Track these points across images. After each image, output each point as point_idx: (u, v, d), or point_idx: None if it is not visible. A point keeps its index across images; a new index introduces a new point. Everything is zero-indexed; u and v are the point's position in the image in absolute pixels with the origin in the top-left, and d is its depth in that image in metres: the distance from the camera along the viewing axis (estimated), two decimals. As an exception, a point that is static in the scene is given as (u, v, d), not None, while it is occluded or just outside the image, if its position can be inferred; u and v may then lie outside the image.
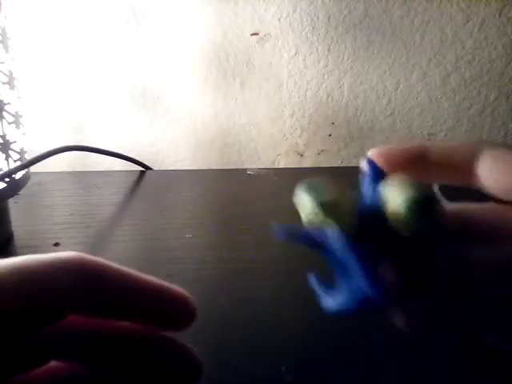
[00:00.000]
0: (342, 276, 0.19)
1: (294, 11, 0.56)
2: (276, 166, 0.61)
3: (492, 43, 0.56)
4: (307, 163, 0.61)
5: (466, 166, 0.20)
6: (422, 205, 0.16)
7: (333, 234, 0.18)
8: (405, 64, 0.57)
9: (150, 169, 0.57)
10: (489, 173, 0.20)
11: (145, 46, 0.57)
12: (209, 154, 0.61)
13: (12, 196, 0.36)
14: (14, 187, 0.36)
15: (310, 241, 0.19)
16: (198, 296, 0.29)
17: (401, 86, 0.58)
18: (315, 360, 0.24)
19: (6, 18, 0.35)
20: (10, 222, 0.38)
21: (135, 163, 0.56)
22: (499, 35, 0.56)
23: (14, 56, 0.36)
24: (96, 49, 0.57)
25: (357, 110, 0.59)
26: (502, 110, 0.59)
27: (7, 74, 0.35)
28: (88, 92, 0.58)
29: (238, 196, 0.47)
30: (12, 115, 0.35)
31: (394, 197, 0.17)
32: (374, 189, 0.19)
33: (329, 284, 0.20)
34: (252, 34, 0.57)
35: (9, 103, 0.35)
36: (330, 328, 0.26)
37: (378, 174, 0.20)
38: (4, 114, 0.34)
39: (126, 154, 0.56)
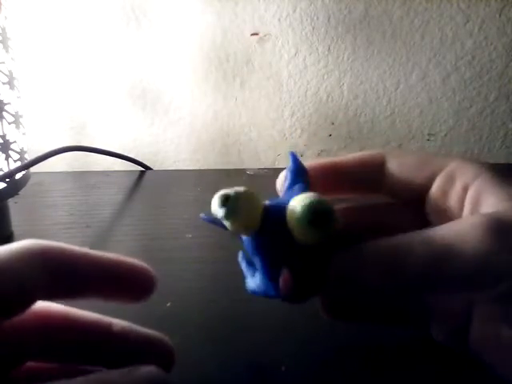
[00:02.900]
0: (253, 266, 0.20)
1: (294, 11, 0.56)
2: (276, 166, 0.61)
3: (492, 43, 0.56)
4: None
5: (375, 176, 0.21)
6: (315, 222, 0.17)
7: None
8: (405, 64, 0.57)
9: (150, 169, 0.57)
10: (395, 176, 0.21)
11: (145, 46, 0.57)
12: (209, 154, 0.61)
13: (12, 196, 0.36)
14: (14, 187, 0.36)
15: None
16: (198, 296, 0.29)
17: (401, 86, 0.58)
18: (315, 360, 0.24)
19: (6, 18, 0.35)
20: (10, 222, 0.38)
21: (135, 163, 0.56)
22: (499, 35, 0.56)
23: (13, 56, 0.36)
24: (96, 49, 0.57)
25: (357, 109, 0.59)
26: (502, 110, 0.59)
27: (7, 74, 0.35)
28: (88, 92, 0.58)
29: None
30: (12, 115, 0.35)
31: (293, 209, 0.17)
32: (291, 187, 0.20)
33: (251, 265, 0.21)
34: (252, 34, 0.57)
35: (9, 103, 0.35)
36: (331, 328, 0.26)
37: (299, 172, 0.21)
38: (4, 114, 0.34)
39: (125, 154, 0.56)
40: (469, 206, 0.18)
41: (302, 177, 0.21)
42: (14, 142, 0.36)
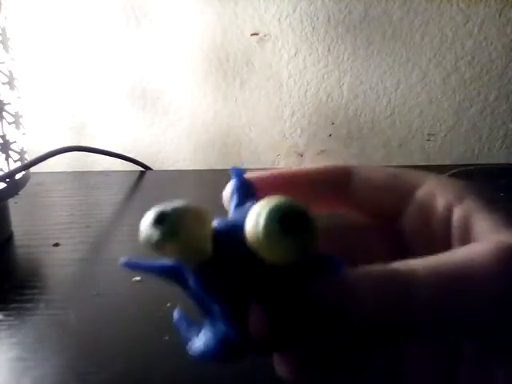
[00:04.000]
0: (202, 314, 0.15)
1: (294, 11, 0.56)
2: (276, 167, 0.61)
3: (492, 43, 0.56)
4: (307, 163, 0.61)
5: (339, 190, 0.20)
6: (289, 226, 0.12)
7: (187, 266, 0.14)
8: (405, 64, 0.57)
9: (150, 169, 0.57)
10: (362, 191, 0.19)
11: (145, 46, 0.57)
12: (209, 154, 0.61)
13: (12, 196, 0.36)
14: (14, 187, 0.36)
15: (162, 271, 0.15)
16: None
17: (401, 86, 0.58)
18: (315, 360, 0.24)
19: (6, 18, 0.35)
20: (10, 222, 0.38)
21: (135, 163, 0.56)
22: (499, 35, 0.56)
23: (13, 56, 0.36)
24: (96, 49, 0.57)
25: (357, 110, 0.59)
26: (502, 110, 0.59)
27: (7, 74, 0.35)
28: (88, 92, 0.58)
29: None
30: (12, 115, 0.35)
31: (253, 215, 0.13)
32: (238, 206, 0.16)
33: (194, 321, 0.16)
34: (252, 34, 0.56)
35: (9, 103, 0.35)
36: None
37: (246, 188, 0.17)
38: (4, 114, 0.34)
39: (125, 154, 0.56)
40: (458, 229, 0.17)
41: (251, 194, 0.16)
42: (14, 142, 0.36)
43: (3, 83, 0.34)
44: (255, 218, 0.13)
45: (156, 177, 0.54)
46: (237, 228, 0.14)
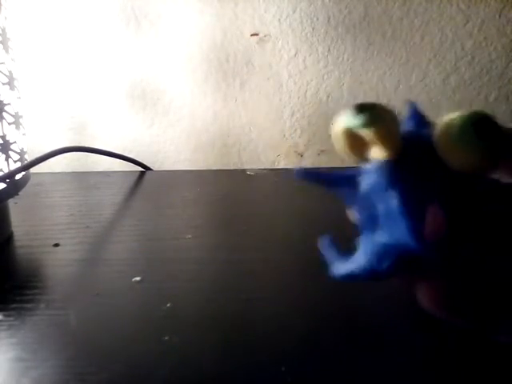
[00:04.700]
0: (368, 224, 0.16)
1: (294, 12, 0.56)
2: (276, 167, 0.61)
3: (492, 44, 0.56)
4: (307, 163, 0.61)
5: None
6: (479, 124, 0.13)
7: (370, 164, 0.15)
8: (405, 64, 0.57)
9: (150, 169, 0.57)
10: None
11: (145, 46, 0.57)
12: (209, 155, 0.61)
13: (12, 196, 0.36)
14: (14, 188, 0.36)
15: (331, 179, 0.16)
16: (198, 296, 0.29)
17: (401, 86, 0.58)
18: (315, 360, 0.24)
19: (6, 18, 0.35)
20: (10, 223, 0.38)
21: (135, 163, 0.56)
22: (499, 36, 0.56)
23: (13, 57, 0.36)
24: (96, 49, 0.57)
25: (357, 110, 0.59)
26: (502, 111, 0.59)
27: (7, 74, 0.35)
28: (88, 93, 0.58)
29: (238, 196, 0.47)
30: (12, 116, 0.35)
31: (445, 120, 0.13)
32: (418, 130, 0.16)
33: (341, 250, 0.17)
34: (252, 35, 0.57)
35: (9, 104, 0.35)
36: (331, 328, 0.26)
37: (420, 121, 0.16)
38: (4, 114, 0.34)
39: (126, 154, 0.56)
40: None
41: (424, 123, 0.16)
42: (14, 142, 0.36)
43: (3, 83, 0.34)
44: (448, 121, 0.13)
45: (156, 177, 0.54)
46: (425, 134, 0.14)
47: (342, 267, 0.17)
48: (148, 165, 0.57)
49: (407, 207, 0.14)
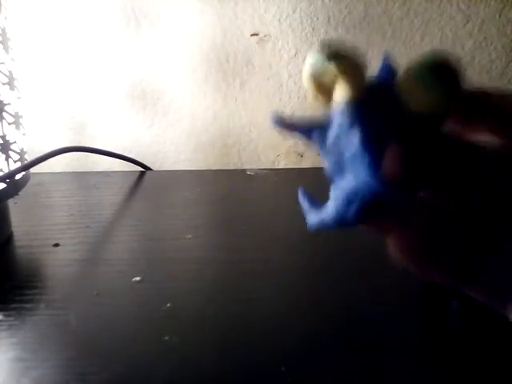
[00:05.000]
0: (337, 171, 0.16)
1: (294, 12, 0.56)
2: (276, 167, 0.61)
3: (492, 44, 0.56)
4: (307, 163, 0.61)
5: None
6: (439, 71, 0.14)
7: (336, 107, 0.16)
8: (405, 64, 0.57)
9: (150, 169, 0.57)
10: None
11: (145, 46, 0.57)
12: (209, 155, 0.61)
13: (12, 196, 0.36)
14: (14, 188, 0.36)
15: (305, 127, 0.17)
16: (198, 296, 0.29)
17: (401, 86, 0.58)
18: (315, 360, 0.24)
19: (6, 18, 0.35)
20: (10, 223, 0.38)
21: (135, 163, 0.56)
22: (499, 36, 0.56)
23: (13, 57, 0.36)
24: (96, 49, 0.57)
25: (357, 110, 0.59)
26: (502, 111, 0.59)
27: (7, 74, 0.35)
28: (88, 93, 0.58)
29: (238, 196, 0.47)
30: (12, 116, 0.35)
31: (408, 66, 0.15)
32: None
33: (316, 201, 0.18)
34: (252, 35, 0.57)
35: (9, 104, 0.35)
36: (331, 328, 0.26)
37: (390, 74, 0.17)
38: (4, 114, 0.34)
39: (125, 154, 0.56)
40: None
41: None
42: (14, 142, 0.36)
43: (3, 83, 0.34)
44: (410, 66, 0.14)
45: (156, 177, 0.54)
46: (390, 81, 0.15)
47: (314, 217, 0.18)
48: (148, 165, 0.57)
49: (368, 143, 0.15)
